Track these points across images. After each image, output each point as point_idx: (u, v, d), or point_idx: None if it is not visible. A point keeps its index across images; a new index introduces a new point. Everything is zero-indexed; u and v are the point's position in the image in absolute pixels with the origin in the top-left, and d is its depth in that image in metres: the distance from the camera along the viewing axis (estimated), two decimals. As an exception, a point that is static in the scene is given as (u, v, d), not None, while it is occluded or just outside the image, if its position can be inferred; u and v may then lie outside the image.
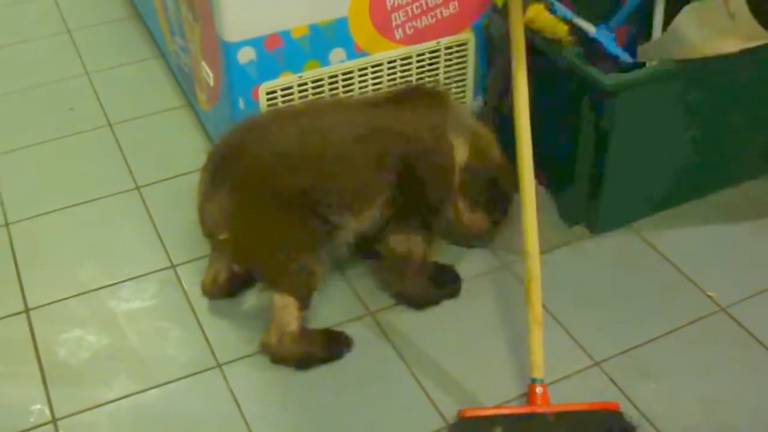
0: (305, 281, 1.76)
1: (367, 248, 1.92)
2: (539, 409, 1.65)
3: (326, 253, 1.78)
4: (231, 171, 1.74)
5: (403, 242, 1.85)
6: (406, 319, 1.92)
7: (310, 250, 1.74)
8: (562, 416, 1.64)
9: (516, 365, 1.81)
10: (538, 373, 1.68)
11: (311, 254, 1.75)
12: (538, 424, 1.64)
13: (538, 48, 1.99)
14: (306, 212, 1.72)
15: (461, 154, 1.85)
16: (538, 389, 1.67)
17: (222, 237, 1.76)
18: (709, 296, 1.96)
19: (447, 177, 1.85)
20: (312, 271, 1.76)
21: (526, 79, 1.81)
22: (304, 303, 1.78)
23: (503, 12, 1.94)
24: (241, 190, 1.72)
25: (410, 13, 2.02)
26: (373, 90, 2.10)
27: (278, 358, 1.81)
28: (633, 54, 2.04)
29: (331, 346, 1.84)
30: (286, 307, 1.76)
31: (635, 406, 1.72)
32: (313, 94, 2.04)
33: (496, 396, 1.75)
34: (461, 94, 2.23)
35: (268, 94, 2.00)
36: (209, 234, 1.81)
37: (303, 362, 1.81)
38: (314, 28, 1.95)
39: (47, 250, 2.12)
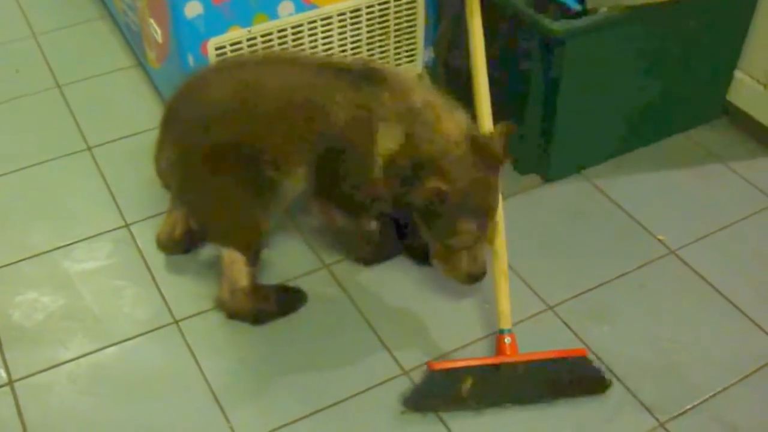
0: (250, 236, 1.75)
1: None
2: (509, 359, 1.67)
3: (273, 209, 1.75)
4: (173, 123, 1.73)
5: (325, 211, 1.82)
6: (361, 271, 1.93)
7: (251, 204, 1.71)
8: (531, 365, 1.66)
9: (471, 314, 1.83)
10: (505, 324, 1.70)
11: (253, 208, 1.72)
12: (507, 373, 1.66)
13: (487, -3, 1.98)
14: (242, 165, 1.67)
15: (388, 144, 1.62)
16: (507, 339, 1.69)
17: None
18: (659, 240, 1.99)
19: (360, 168, 1.66)
20: (256, 226, 1.74)
21: (482, 27, 1.78)
22: (251, 259, 1.76)
23: (452, -39, 1.93)
24: (179, 141, 1.71)
25: (359, -35, 2.01)
26: (323, 45, 2.09)
27: (233, 314, 1.82)
28: (582, 2, 2.04)
29: (284, 301, 1.84)
30: (234, 263, 1.75)
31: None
32: (263, 49, 2.02)
33: (452, 343, 1.77)
34: (412, 46, 2.23)
35: (217, 49, 1.98)
36: (166, 185, 1.81)
37: (258, 317, 1.81)
38: (262, -19, 1.94)
39: (-2, 214, 2.09)
